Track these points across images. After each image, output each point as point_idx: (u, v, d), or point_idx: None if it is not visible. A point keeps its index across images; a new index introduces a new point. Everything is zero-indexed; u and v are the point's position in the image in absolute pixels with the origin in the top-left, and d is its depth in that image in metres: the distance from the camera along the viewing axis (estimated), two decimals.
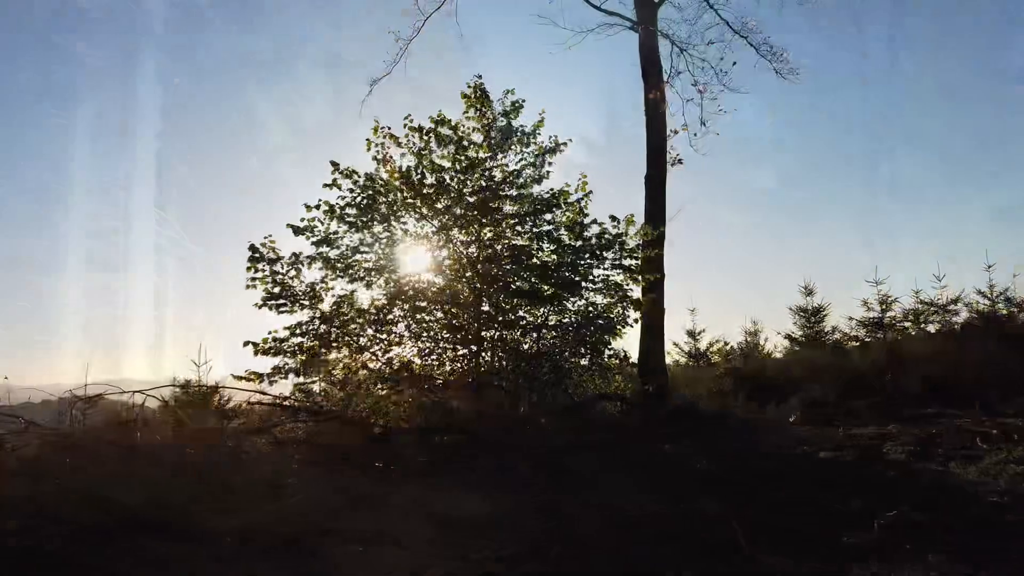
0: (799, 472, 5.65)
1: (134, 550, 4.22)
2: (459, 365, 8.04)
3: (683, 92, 11.29)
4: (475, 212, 7.80)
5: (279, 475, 6.47)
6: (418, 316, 7.86)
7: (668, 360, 11.17)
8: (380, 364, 7.84)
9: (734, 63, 11.15)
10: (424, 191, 7.78)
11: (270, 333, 7.48)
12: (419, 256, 7.97)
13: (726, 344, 13.08)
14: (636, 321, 8.37)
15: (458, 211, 7.84)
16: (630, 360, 8.48)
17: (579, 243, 8.02)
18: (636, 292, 8.51)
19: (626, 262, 8.11)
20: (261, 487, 6.18)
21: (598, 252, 7.99)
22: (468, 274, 7.90)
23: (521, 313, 8.10)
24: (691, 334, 13.28)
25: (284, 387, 7.73)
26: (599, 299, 8.22)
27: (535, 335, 8.04)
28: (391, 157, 7.80)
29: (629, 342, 9.01)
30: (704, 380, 11.20)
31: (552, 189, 8.06)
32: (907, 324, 11.13)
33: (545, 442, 7.46)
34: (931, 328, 10.97)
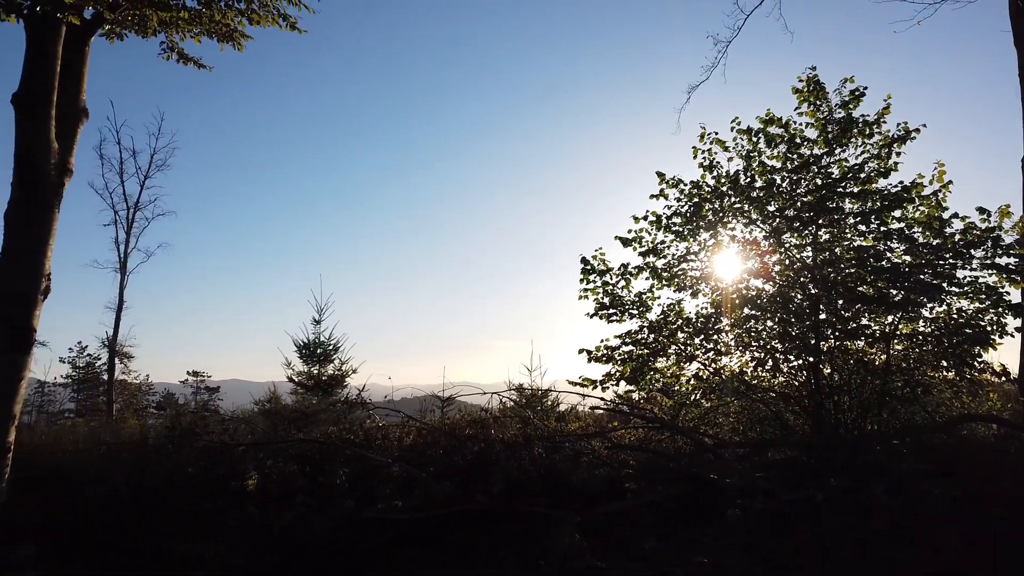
0: None
1: (494, 532, 4.82)
2: (793, 377, 7.57)
3: None
4: (810, 213, 7.27)
5: (615, 479, 6.76)
6: (747, 325, 7.58)
7: None
8: (708, 373, 7.73)
9: None
10: (753, 194, 7.50)
11: (602, 341, 7.82)
12: (747, 263, 7.66)
13: None
14: (1018, 330, 7.04)
15: (790, 213, 7.40)
16: (1010, 376, 7.15)
17: (937, 241, 7.02)
18: (1014, 296, 7.18)
19: (1000, 261, 6.88)
20: (599, 488, 6.53)
21: (963, 251, 6.91)
22: (802, 279, 7.39)
23: (865, 321, 7.35)
24: None
25: (607, 394, 8.03)
26: (965, 304, 7.10)
27: (883, 345, 7.23)
28: (718, 163, 7.67)
29: (1005, 354, 7.63)
30: None
31: (901, 182, 7.19)
32: None
33: (900, 465, 6.67)
34: None
